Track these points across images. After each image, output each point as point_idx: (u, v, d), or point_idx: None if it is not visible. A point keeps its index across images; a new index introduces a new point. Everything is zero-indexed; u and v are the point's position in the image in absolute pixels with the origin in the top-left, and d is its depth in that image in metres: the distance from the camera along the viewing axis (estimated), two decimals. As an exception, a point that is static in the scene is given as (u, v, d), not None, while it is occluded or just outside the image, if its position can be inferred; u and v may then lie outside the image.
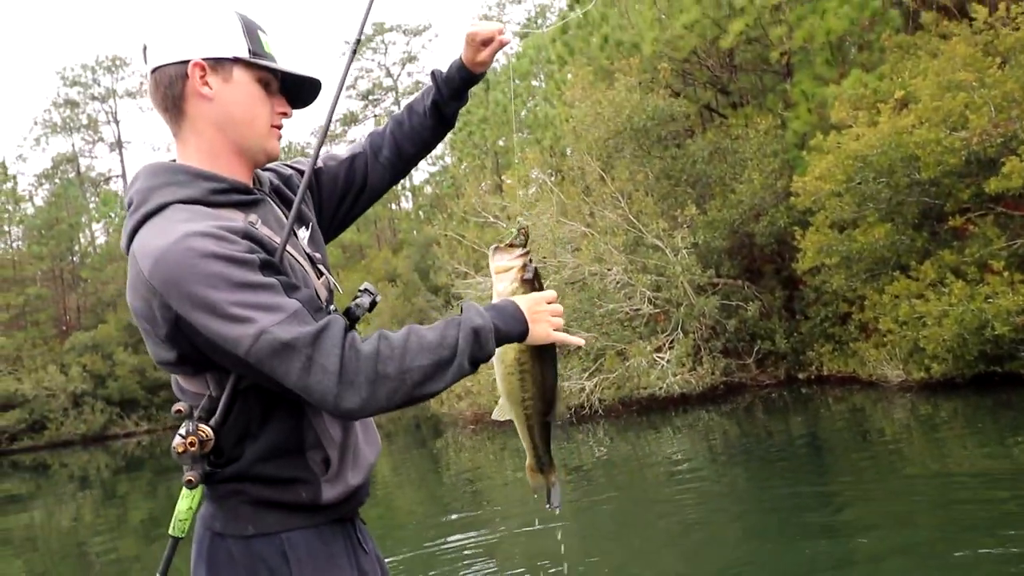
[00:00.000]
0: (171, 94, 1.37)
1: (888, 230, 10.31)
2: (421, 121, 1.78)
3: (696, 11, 14.85)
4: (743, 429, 10.95)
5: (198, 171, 1.36)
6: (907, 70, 11.20)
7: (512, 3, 42.69)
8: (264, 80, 1.41)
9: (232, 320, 1.21)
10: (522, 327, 1.42)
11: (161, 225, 1.28)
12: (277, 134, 1.45)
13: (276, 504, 1.36)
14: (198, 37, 1.36)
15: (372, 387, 1.25)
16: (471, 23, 1.70)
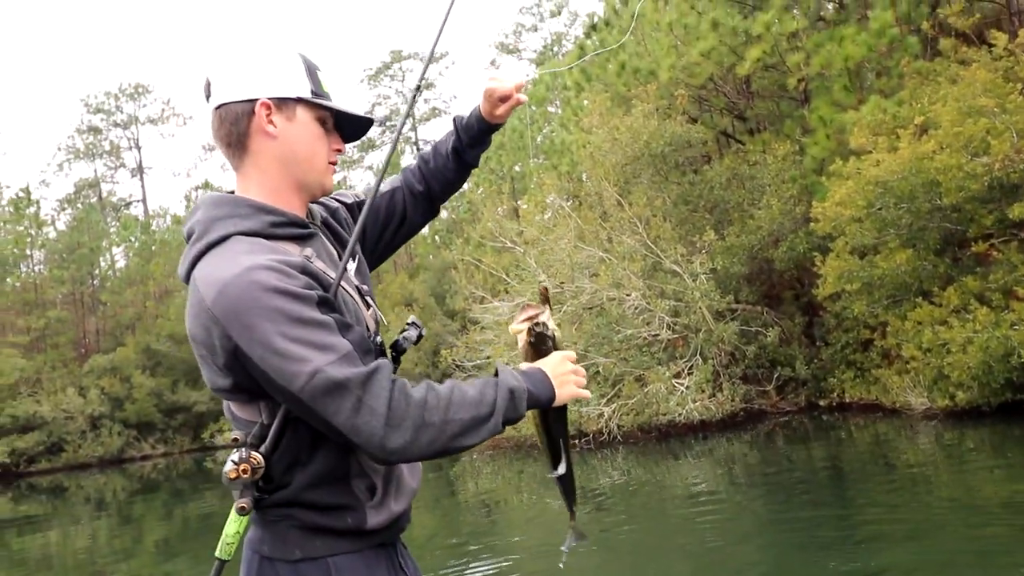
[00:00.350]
0: (236, 130, 1.42)
1: (910, 256, 10.23)
2: (444, 162, 1.84)
3: (713, 39, 14.94)
4: (763, 456, 10.81)
5: (259, 204, 1.41)
6: (926, 96, 11.18)
7: (528, 31, 43.18)
8: (322, 118, 1.47)
9: (289, 356, 1.26)
10: (550, 392, 1.47)
11: (224, 256, 1.33)
12: (332, 170, 1.51)
13: (323, 529, 1.40)
14: (265, 77, 1.41)
15: (416, 433, 1.30)
16: (489, 78, 1.73)
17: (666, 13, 16.52)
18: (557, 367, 1.50)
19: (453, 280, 31.55)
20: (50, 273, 31.32)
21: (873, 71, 13.79)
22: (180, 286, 32.04)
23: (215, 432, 28.73)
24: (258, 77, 1.41)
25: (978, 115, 9.61)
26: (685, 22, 15.79)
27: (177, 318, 29.85)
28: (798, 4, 14.59)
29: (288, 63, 1.44)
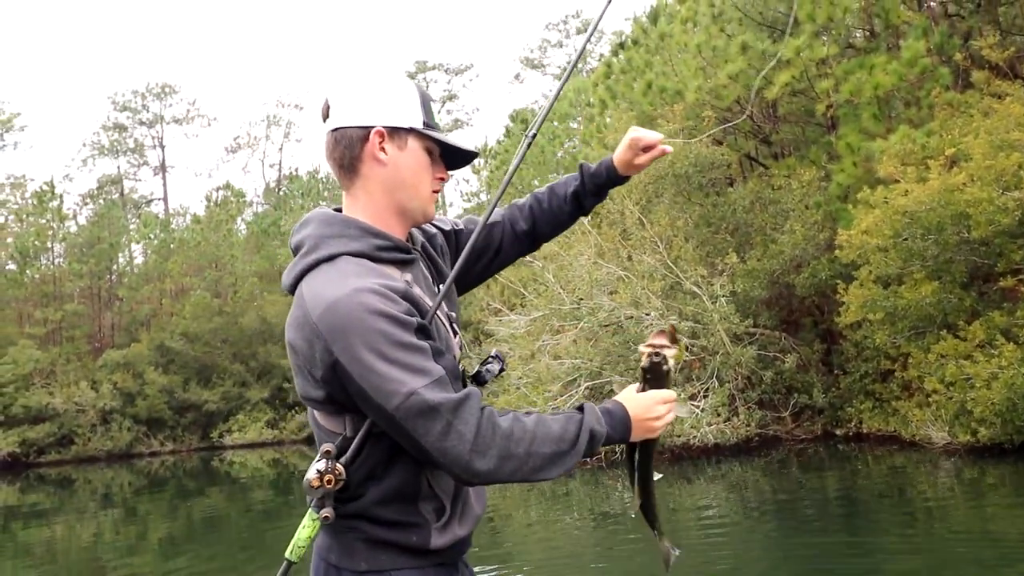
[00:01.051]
0: (349, 154, 1.49)
1: (935, 288, 10.12)
2: (560, 205, 1.86)
3: (741, 62, 14.92)
4: (777, 483, 10.69)
5: (367, 226, 1.48)
6: (957, 128, 11.10)
7: (553, 47, 43.38)
8: (430, 148, 1.53)
9: (387, 377, 1.32)
10: (625, 434, 1.51)
11: (332, 275, 1.40)
12: (435, 198, 1.57)
13: (388, 544, 1.46)
14: (382, 106, 1.48)
15: (500, 461, 1.36)
16: (632, 129, 1.78)
17: (694, 35, 16.54)
18: (644, 410, 1.52)
19: (469, 292, 31.60)
20: (69, 267, 31.55)
21: (902, 100, 13.71)
22: (196, 285, 32.25)
23: (224, 432, 28.78)
24: (375, 105, 1.48)
25: (1011, 149, 9.53)
26: (714, 44, 15.80)
27: (192, 316, 30.00)
28: (828, 31, 14.56)
29: (404, 94, 1.50)
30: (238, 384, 29.46)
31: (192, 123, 45.41)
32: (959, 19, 14.80)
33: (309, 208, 40.39)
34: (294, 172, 44.98)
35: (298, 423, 28.74)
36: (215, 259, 33.50)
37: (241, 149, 47.78)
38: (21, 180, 37.57)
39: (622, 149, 1.78)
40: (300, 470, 21.24)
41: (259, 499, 15.79)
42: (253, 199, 43.91)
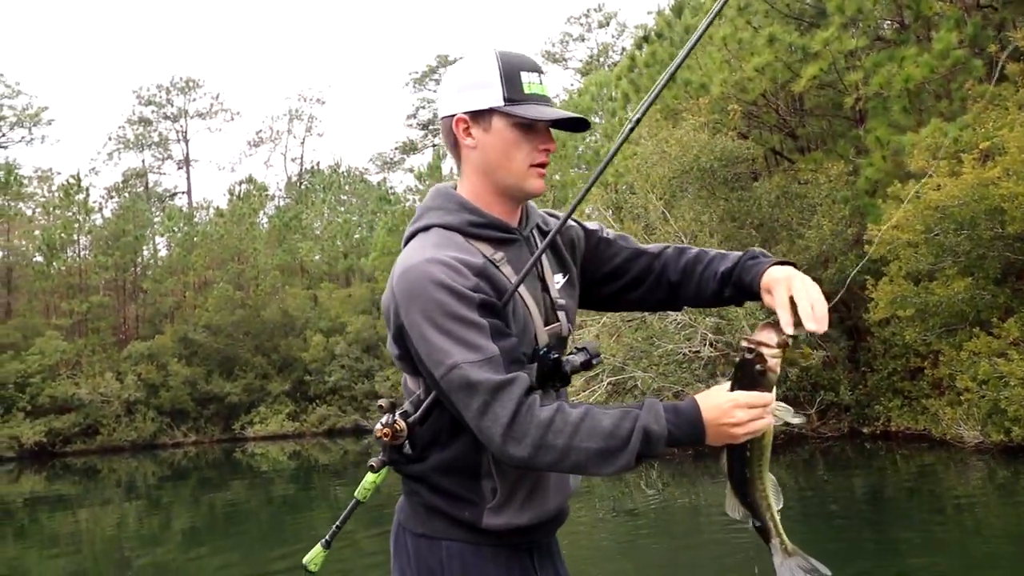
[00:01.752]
0: (449, 142, 1.55)
1: (968, 284, 9.92)
2: (709, 278, 1.66)
3: (768, 54, 14.71)
4: (803, 482, 10.57)
5: (465, 202, 1.52)
6: (991, 121, 10.85)
7: (575, 41, 43.13)
8: (523, 123, 1.48)
9: (436, 346, 1.37)
10: (697, 437, 1.36)
11: (420, 243, 1.48)
12: (537, 172, 1.52)
13: (442, 513, 1.50)
14: (461, 93, 1.49)
15: (535, 451, 1.33)
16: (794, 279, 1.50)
17: (720, 27, 16.33)
18: (720, 413, 1.34)
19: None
20: (95, 259, 31.88)
21: (933, 93, 13.45)
22: (219, 278, 32.47)
23: (245, 424, 28.98)
24: (455, 93, 1.50)
25: (1048, 142, 9.31)
26: (740, 37, 15.59)
27: (214, 309, 30.21)
28: (857, 23, 14.31)
29: (482, 75, 1.48)
30: (259, 376, 29.65)
31: (215, 117, 45.78)
32: (991, 10, 14.48)
33: (331, 202, 40.62)
34: (316, 166, 45.17)
35: (319, 416, 28.90)
36: (237, 252, 33.70)
37: (263, 143, 47.98)
38: (48, 173, 37.98)
39: (767, 277, 1.52)
40: (321, 463, 21.36)
41: (280, 491, 15.88)
42: (275, 193, 44.16)
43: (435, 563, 1.49)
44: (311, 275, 35.43)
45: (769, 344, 1.38)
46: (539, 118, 1.46)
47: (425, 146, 46.46)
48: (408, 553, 1.53)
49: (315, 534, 10.95)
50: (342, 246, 36.80)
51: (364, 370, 29.39)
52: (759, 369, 1.37)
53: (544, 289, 1.57)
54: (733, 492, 1.50)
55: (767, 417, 1.37)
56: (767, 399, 1.37)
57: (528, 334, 1.49)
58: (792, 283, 1.46)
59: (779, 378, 1.41)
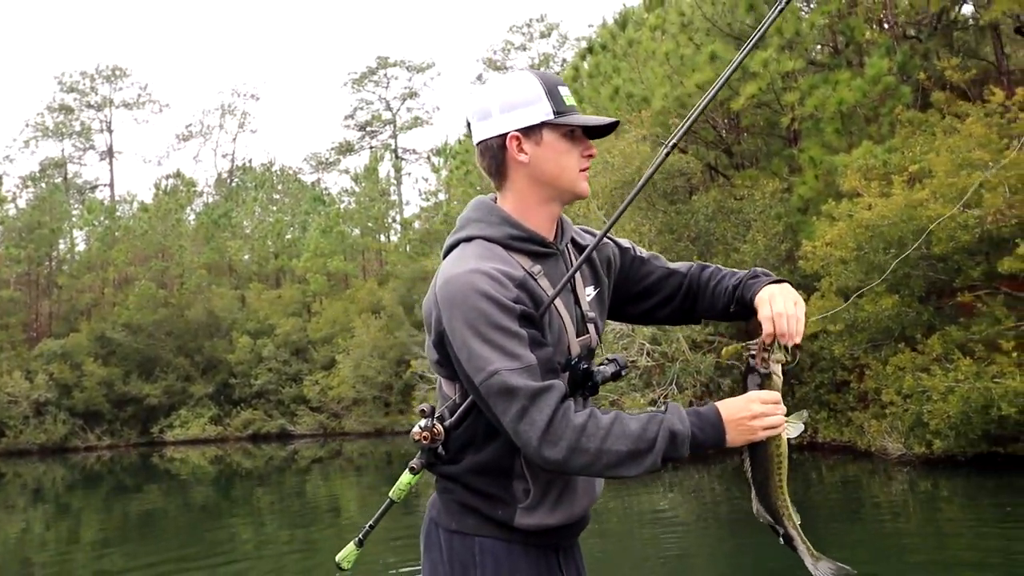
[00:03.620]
0: (495, 163, 1.59)
1: (895, 301, 10.27)
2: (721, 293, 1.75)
3: (709, 71, 15.00)
4: (732, 491, 10.76)
5: (507, 216, 1.58)
6: (918, 145, 11.30)
7: (517, 49, 43.34)
8: (569, 131, 1.57)
9: (477, 353, 1.43)
10: (718, 438, 1.47)
11: (462, 254, 1.54)
12: (584, 175, 1.61)
13: (476, 511, 1.56)
14: (511, 111, 1.55)
15: (570, 454, 1.41)
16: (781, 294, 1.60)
17: (663, 43, 16.61)
18: (738, 409, 1.48)
19: (423, 290, 31.26)
20: (6, 252, 30.26)
21: (864, 117, 13.94)
22: (141, 275, 31.24)
23: (165, 428, 27.91)
24: (502, 115, 1.56)
25: (972, 168, 9.72)
26: (682, 53, 15.87)
27: (135, 307, 29.04)
28: (794, 46, 14.74)
29: (529, 92, 1.55)
30: (181, 378, 28.64)
31: (143, 108, 44.04)
32: (917, 41, 15.14)
33: (262, 201, 39.67)
34: (248, 163, 44.04)
35: (243, 420, 28.07)
36: (162, 249, 32.56)
37: (193, 137, 46.41)
38: (-43, 159, 35.92)
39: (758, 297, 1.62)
40: (244, 469, 20.72)
41: (199, 497, 15.35)
42: (204, 189, 42.87)
43: (468, 558, 1.56)
44: (239, 275, 34.50)
45: (771, 352, 1.52)
46: (589, 124, 1.57)
47: (362, 148, 45.87)
48: (441, 548, 1.59)
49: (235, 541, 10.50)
50: (273, 246, 35.96)
51: (292, 374, 28.71)
52: (763, 372, 1.51)
53: (576, 302, 1.65)
54: (757, 499, 1.60)
55: (780, 413, 1.49)
56: (777, 396, 1.50)
57: (562, 345, 1.57)
58: (774, 300, 1.58)
59: None
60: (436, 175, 35.89)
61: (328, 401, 27.63)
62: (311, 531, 10.58)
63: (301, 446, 25.44)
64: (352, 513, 12.36)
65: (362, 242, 36.54)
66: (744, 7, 15.32)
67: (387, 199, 38.68)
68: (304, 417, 27.99)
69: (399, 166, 41.62)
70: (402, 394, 26.77)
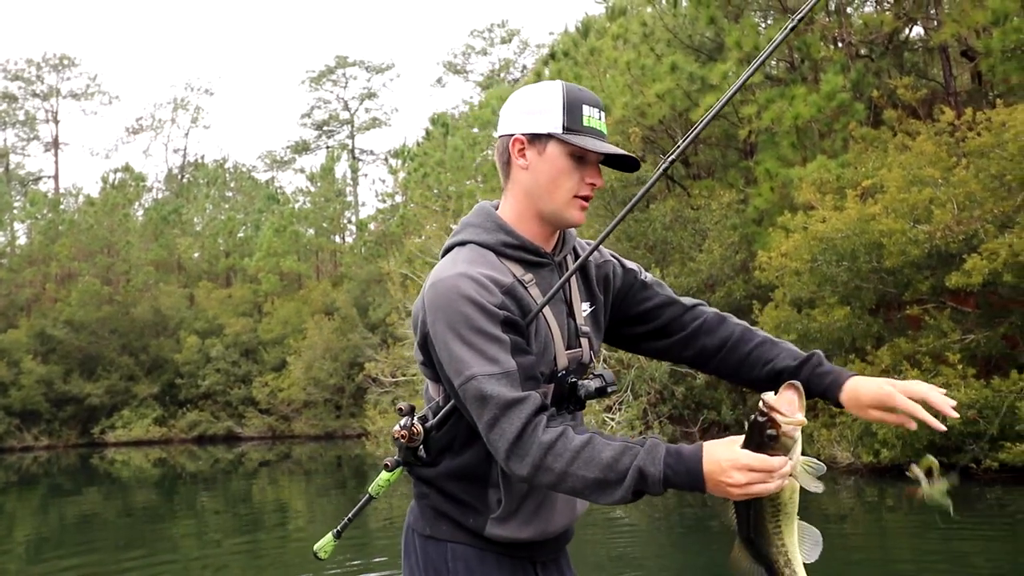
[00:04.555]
0: (502, 160, 1.60)
1: (846, 313, 10.47)
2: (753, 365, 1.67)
3: (670, 81, 15.18)
4: (687, 498, 10.83)
5: (503, 223, 1.57)
6: (871, 161, 11.56)
7: (477, 54, 43.34)
8: (577, 153, 1.53)
9: (457, 356, 1.43)
10: (695, 485, 1.34)
11: (454, 258, 1.53)
12: (579, 204, 1.56)
13: (449, 517, 1.56)
14: (523, 114, 1.56)
15: (535, 470, 1.38)
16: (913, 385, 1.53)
17: (624, 52, 16.75)
18: (718, 470, 1.30)
19: (378, 293, 30.96)
20: (-59, 242, 29.10)
21: (819, 131, 14.24)
22: (85, 270, 30.30)
23: (106, 428, 27.08)
24: (518, 115, 1.56)
25: (922, 184, 9.97)
26: (643, 63, 16.01)
27: (78, 304, 28.14)
28: (752, 59, 14.98)
29: (546, 101, 1.53)
30: (125, 378, 27.86)
31: (91, 99, 42.85)
32: (869, 60, 15.54)
33: (214, 198, 38.87)
34: (200, 159, 43.10)
35: (189, 421, 27.41)
36: (108, 244, 31.65)
37: (143, 131, 45.21)
38: None
39: (867, 392, 1.53)
40: (188, 471, 20.21)
41: (140, 500, 14.94)
42: (154, 184, 41.86)
43: (441, 564, 1.55)
44: (189, 273, 33.75)
45: (783, 412, 1.32)
46: (593, 150, 1.51)
47: (318, 147, 45.30)
48: (416, 553, 1.59)
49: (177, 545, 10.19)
50: (224, 244, 35.26)
51: (241, 375, 28.15)
52: (770, 433, 1.31)
53: (570, 315, 1.62)
54: (742, 546, 1.45)
55: (771, 483, 1.31)
56: (771, 464, 1.30)
57: (548, 355, 1.55)
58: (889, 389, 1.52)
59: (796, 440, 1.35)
60: (393, 177, 35.60)
61: (278, 403, 27.17)
62: (257, 535, 10.34)
63: (249, 448, 24.95)
64: (300, 517, 12.11)
65: (316, 242, 36.05)
66: (705, 20, 15.55)
67: (343, 200, 38.27)
68: (252, 419, 27.47)
69: (356, 167, 41.22)
70: (354, 397, 26.45)
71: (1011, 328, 9.74)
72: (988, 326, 9.84)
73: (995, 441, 9.28)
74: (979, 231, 9.37)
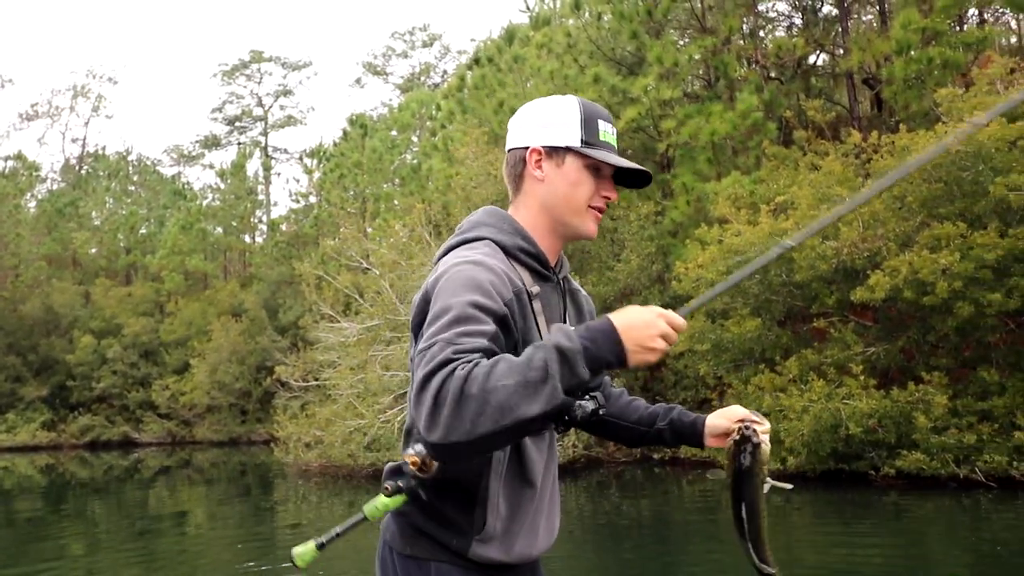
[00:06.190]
0: (514, 172, 1.61)
1: (757, 324, 10.80)
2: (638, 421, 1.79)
3: (592, 92, 15.36)
4: (596, 504, 10.94)
5: (521, 228, 1.57)
6: (783, 178, 12.00)
7: (398, 56, 42.93)
8: (594, 166, 1.55)
9: (437, 316, 1.35)
10: (615, 351, 1.32)
11: (471, 249, 1.51)
12: (595, 216, 1.58)
13: (430, 536, 1.51)
14: (540, 127, 1.57)
15: (457, 408, 1.24)
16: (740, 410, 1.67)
17: (548, 61, 16.88)
18: (635, 324, 1.33)
19: (289, 295, 30.09)
20: None
21: (733, 148, 14.71)
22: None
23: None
24: (534, 127, 1.57)
25: (831, 202, 10.40)
26: (566, 73, 16.17)
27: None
28: (673, 75, 15.36)
29: (564, 115, 1.55)
30: (11, 379, 26.17)
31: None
32: (780, 83, 16.20)
33: (115, 191, 36.99)
34: (101, 150, 40.93)
35: (81, 426, 25.93)
36: (-5, 236, 29.67)
37: (39, 118, 42.57)
38: None
39: (712, 422, 1.69)
40: (79, 479, 19.06)
41: (24, 510, 13.99)
42: (49, 175, 39.51)
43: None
44: (85, 269, 32.02)
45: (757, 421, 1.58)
46: (612, 163, 1.54)
47: (229, 143, 43.81)
48: (395, 572, 1.54)
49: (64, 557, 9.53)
50: (125, 240, 33.61)
51: (140, 377, 26.86)
52: (755, 442, 1.55)
53: None
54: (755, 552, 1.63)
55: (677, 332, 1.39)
56: (676, 318, 1.39)
57: None
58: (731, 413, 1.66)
59: None
60: (308, 177, 34.76)
61: (179, 407, 26.04)
62: (152, 544, 9.83)
63: (146, 455, 23.79)
64: (201, 526, 11.57)
65: (225, 241, 34.83)
66: (627, 34, 15.84)
67: (254, 198, 37.13)
68: (151, 424, 26.23)
69: (269, 164, 40.08)
70: (261, 402, 25.60)
71: (909, 342, 10.25)
72: (888, 340, 10.34)
73: (892, 449, 9.75)
74: (882, 249, 9.83)
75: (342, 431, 12.98)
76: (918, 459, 9.33)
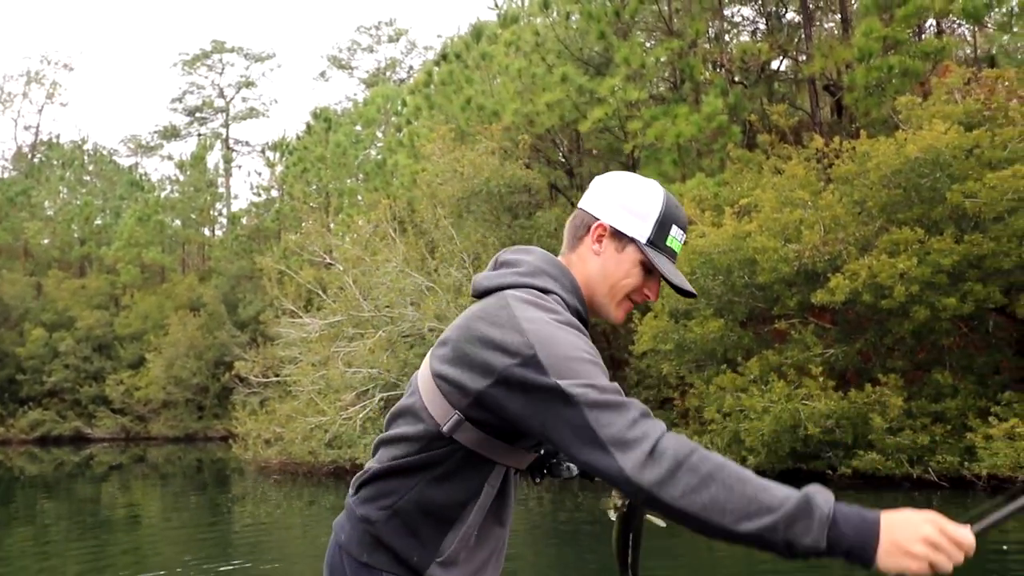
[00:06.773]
0: (577, 234, 1.58)
1: (720, 325, 10.91)
2: None
3: (560, 92, 15.39)
4: (556, 504, 10.99)
5: (579, 290, 1.53)
6: (747, 181, 12.14)
7: (364, 51, 42.55)
8: (647, 265, 1.55)
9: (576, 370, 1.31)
10: (864, 543, 1.14)
11: (540, 298, 1.43)
12: (627, 306, 1.59)
13: (390, 549, 1.45)
14: (619, 208, 1.54)
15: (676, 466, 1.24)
16: None
17: (515, 59, 16.85)
18: (900, 522, 1.15)
19: (249, 289, 29.63)
20: None
21: (698, 150, 14.85)
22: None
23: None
24: (612, 204, 1.55)
25: (793, 206, 10.55)
26: (534, 72, 16.17)
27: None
28: (640, 76, 15.45)
29: (644, 206, 1.54)
30: (-44, 372, 25.32)
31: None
32: (743, 87, 16.40)
33: (69, 181, 36.05)
34: (55, 139, 39.85)
35: (30, 420, 25.24)
36: (-58, 224, 28.72)
37: (-11, 103, 41.36)
38: None
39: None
40: (28, 475, 18.54)
41: (-30, 507, 13.52)
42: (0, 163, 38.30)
43: None
44: (37, 260, 31.14)
45: None
46: (667, 277, 1.54)
47: (189, 134, 43.00)
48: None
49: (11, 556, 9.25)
50: (79, 231, 32.78)
51: (93, 372, 26.23)
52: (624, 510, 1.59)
53: None
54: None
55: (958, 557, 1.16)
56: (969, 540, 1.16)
57: None
58: None
59: None
60: (270, 170, 34.28)
61: (133, 403, 25.50)
62: (103, 541, 9.61)
63: (98, 451, 23.25)
64: (153, 523, 11.34)
65: (183, 234, 34.19)
66: (595, 35, 15.89)
67: (214, 191, 36.49)
68: (104, 419, 25.64)
69: (229, 157, 39.42)
70: (219, 398, 25.20)
71: (866, 344, 10.45)
72: (846, 342, 10.53)
73: (849, 449, 9.94)
74: (843, 252, 10.01)
75: (303, 428, 12.81)
76: (874, 459, 9.52)
